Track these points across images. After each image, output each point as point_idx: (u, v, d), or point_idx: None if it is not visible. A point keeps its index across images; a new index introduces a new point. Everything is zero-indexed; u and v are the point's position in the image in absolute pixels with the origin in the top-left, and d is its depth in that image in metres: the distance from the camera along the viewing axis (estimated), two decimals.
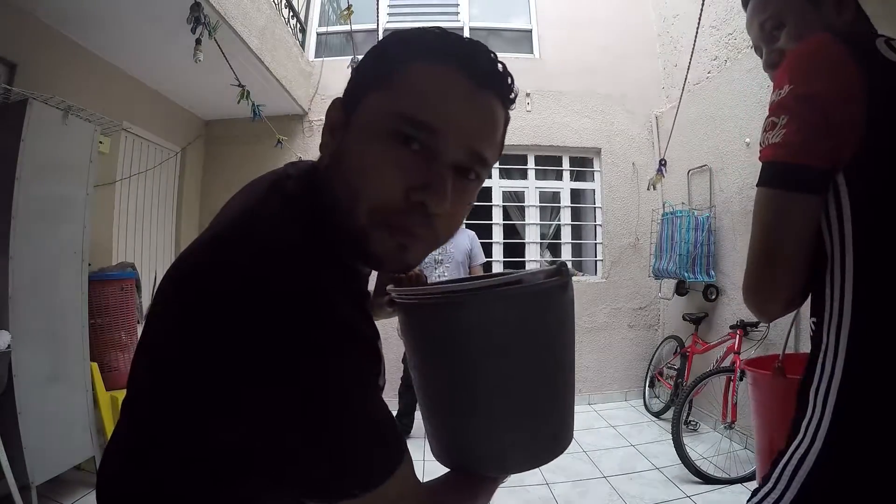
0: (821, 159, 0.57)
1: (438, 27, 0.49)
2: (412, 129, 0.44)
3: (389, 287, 0.66)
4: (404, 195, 0.45)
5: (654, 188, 3.65)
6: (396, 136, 0.45)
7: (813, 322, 0.64)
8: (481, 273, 3.18)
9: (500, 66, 0.49)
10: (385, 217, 0.45)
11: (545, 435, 0.60)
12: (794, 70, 0.60)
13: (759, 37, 0.79)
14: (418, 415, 3.12)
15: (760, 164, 0.62)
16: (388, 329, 2.99)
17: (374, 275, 0.61)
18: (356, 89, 0.50)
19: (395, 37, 0.50)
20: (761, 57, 0.80)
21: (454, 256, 3.10)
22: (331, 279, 0.43)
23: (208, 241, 0.44)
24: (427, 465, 2.89)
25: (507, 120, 0.52)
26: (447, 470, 0.60)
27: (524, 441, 0.58)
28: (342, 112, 0.50)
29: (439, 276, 3.04)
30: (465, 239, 3.18)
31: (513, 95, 0.51)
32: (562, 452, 0.61)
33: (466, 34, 4.30)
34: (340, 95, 0.51)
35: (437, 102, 0.45)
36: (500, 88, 0.49)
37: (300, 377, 0.37)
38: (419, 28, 0.49)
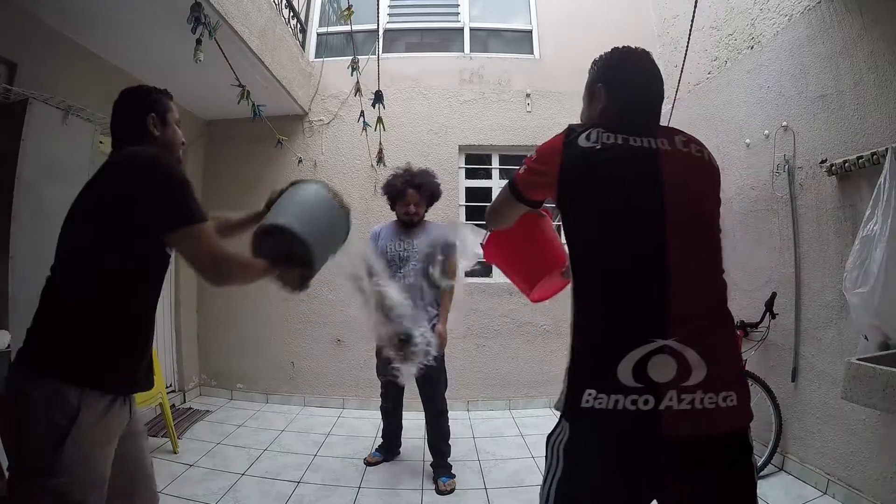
0: (530, 194, 1.18)
1: None
2: None
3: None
4: None
5: None
6: None
7: None
8: (456, 266, 2.64)
9: None
10: None
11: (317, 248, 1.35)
12: (539, 150, 1.14)
13: None
14: (406, 436, 3.05)
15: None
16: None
17: None
18: None
19: None
20: None
21: (422, 251, 2.65)
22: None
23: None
24: (425, 483, 2.90)
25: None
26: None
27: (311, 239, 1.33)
28: None
29: (405, 274, 2.61)
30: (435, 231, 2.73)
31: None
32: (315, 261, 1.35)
33: (466, 34, 4.32)
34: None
35: None
36: None
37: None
38: None
